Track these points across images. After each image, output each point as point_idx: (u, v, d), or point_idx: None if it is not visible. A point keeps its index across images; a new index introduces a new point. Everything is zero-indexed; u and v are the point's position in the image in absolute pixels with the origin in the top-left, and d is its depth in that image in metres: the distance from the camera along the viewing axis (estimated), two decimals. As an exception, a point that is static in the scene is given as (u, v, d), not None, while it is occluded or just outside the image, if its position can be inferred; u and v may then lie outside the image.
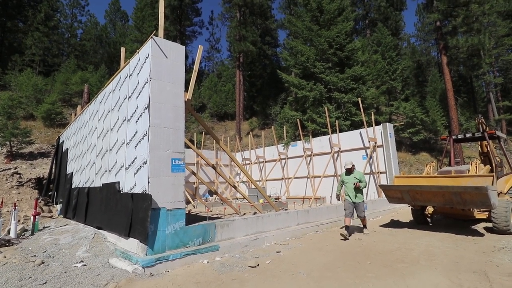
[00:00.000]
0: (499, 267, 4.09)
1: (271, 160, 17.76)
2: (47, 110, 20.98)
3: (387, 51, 24.88)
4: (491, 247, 5.26)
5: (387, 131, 12.58)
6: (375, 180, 12.81)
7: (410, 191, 6.78)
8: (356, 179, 6.53)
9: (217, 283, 3.82)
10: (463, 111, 27.59)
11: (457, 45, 23.22)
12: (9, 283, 3.81)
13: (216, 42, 68.57)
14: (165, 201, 4.83)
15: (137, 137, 5.27)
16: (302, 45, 20.62)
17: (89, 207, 7.36)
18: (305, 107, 19.80)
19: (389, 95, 25.25)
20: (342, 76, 19.08)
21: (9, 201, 9.73)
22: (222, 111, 32.09)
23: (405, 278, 3.78)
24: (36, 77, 24.69)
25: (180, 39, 31.59)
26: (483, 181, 6.12)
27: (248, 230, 6.12)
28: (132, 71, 5.87)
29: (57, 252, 5.42)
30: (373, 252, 5.15)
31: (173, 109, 5.28)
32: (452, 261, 4.49)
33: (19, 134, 16.87)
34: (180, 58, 5.54)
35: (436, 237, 6.24)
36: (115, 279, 3.94)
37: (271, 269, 4.35)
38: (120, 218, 5.36)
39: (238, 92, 28.49)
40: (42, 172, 14.42)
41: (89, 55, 35.79)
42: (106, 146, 6.92)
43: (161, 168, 4.92)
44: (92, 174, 7.75)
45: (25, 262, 4.69)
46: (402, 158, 21.75)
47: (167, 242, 4.73)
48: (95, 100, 8.38)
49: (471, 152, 22.75)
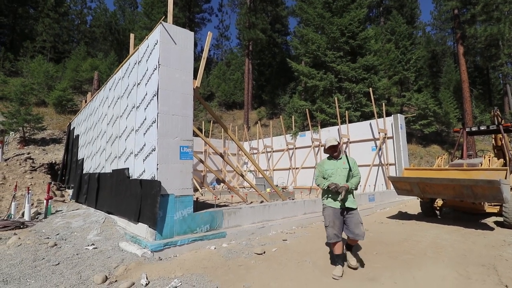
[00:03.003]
0: (508, 261, 4.02)
1: (279, 150, 17.72)
2: (58, 97, 21.30)
3: (401, 40, 24.15)
4: (501, 241, 5.18)
5: (398, 123, 12.35)
6: (383, 171, 12.67)
7: (419, 183, 6.69)
8: (345, 169, 3.72)
9: (223, 268, 3.88)
10: (478, 103, 26.81)
11: (475, 34, 22.36)
12: (23, 264, 3.96)
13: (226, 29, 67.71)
14: (173, 187, 4.88)
15: (146, 124, 5.30)
16: (313, 33, 20.20)
17: (99, 192, 7.52)
18: (315, 97, 19.56)
19: (401, 85, 24.66)
20: (354, 65, 18.69)
21: (22, 185, 10.03)
22: (230, 100, 32.00)
23: (412, 269, 3.76)
24: (47, 64, 25.01)
25: (189, 26, 31.30)
26: (496, 174, 5.98)
27: (255, 218, 6.17)
28: (141, 58, 5.86)
29: (69, 235, 5.59)
30: (380, 243, 5.14)
31: (181, 96, 5.27)
32: (460, 254, 4.44)
33: (31, 120, 17.23)
34: (189, 45, 5.48)
35: (444, 230, 6.18)
36: (125, 262, 4.05)
37: (277, 256, 4.38)
38: (129, 203, 5.47)
39: (247, 81, 28.27)
40: (54, 157, 14.77)
41: (98, 42, 35.94)
42: (115, 133, 7.00)
43: (170, 155, 4.96)
44: (102, 160, 7.89)
45: (38, 244, 4.86)
46: (412, 150, 21.41)
47: (175, 228, 4.81)
48: (105, 87, 8.43)
49: (484, 145, 22.20)
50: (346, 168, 3.71)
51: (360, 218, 3.66)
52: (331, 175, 3.72)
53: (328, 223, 3.62)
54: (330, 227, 3.60)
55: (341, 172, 3.69)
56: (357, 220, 3.61)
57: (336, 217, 3.60)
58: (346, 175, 3.69)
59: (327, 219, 3.65)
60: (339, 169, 3.70)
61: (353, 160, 3.82)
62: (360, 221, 3.65)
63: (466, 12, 24.42)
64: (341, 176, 3.67)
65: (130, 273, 3.67)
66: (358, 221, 3.61)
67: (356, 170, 3.75)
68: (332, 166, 3.78)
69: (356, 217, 3.63)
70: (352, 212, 3.64)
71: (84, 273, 3.66)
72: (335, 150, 3.80)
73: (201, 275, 3.62)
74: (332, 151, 3.81)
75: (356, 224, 3.60)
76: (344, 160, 3.78)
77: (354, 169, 3.73)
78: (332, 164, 3.80)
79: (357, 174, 3.76)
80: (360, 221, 3.64)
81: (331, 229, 3.58)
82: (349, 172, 3.72)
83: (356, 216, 3.63)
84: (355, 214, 3.64)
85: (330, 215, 3.64)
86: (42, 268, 3.78)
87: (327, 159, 3.91)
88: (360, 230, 3.60)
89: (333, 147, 3.77)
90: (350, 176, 3.72)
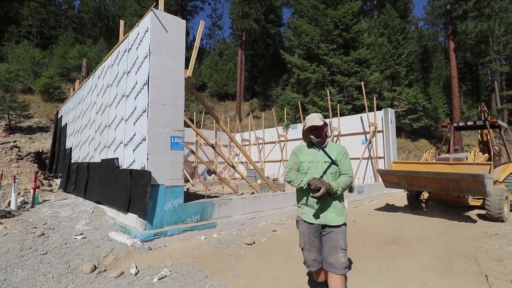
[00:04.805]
0: (489, 252, 4.19)
1: (271, 142, 17.76)
2: (45, 84, 20.70)
3: (394, 34, 24.24)
4: (483, 233, 5.38)
5: (388, 117, 12.51)
6: (373, 164, 12.89)
7: (407, 176, 6.84)
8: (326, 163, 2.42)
9: (213, 258, 3.92)
10: (466, 99, 27.33)
11: (466, 30, 22.61)
12: (10, 253, 3.90)
13: (218, 18, 66.41)
14: (163, 178, 4.86)
15: (136, 114, 5.22)
16: (307, 24, 20.07)
17: (88, 182, 7.42)
18: (307, 90, 19.58)
19: (393, 80, 24.89)
20: (346, 58, 18.73)
21: (8, 174, 9.81)
22: (222, 90, 31.73)
23: (397, 259, 3.88)
24: (33, 50, 24.19)
25: (181, 14, 30.60)
26: (481, 169, 6.16)
27: (246, 209, 6.22)
28: (131, 45, 5.72)
29: (57, 224, 5.52)
30: (367, 234, 5.26)
31: (173, 85, 5.19)
32: (443, 245, 4.59)
33: (17, 108, 16.74)
34: (180, 33, 5.38)
35: (429, 222, 6.36)
36: (114, 251, 4.03)
37: (267, 247, 4.45)
38: (119, 193, 5.42)
39: (240, 72, 28.02)
40: (41, 146, 14.44)
41: (87, 28, 34.84)
42: (105, 122, 6.87)
43: (160, 146, 4.91)
44: (91, 150, 7.76)
45: (25, 233, 4.79)
46: (401, 144, 21.80)
47: (165, 218, 4.80)
48: (94, 75, 8.23)
49: (470, 140, 22.76)
50: (325, 163, 2.38)
51: (342, 240, 2.28)
52: (307, 172, 2.41)
53: (303, 244, 2.42)
54: (307, 250, 2.41)
55: (321, 167, 2.38)
56: (336, 243, 2.27)
57: (314, 236, 2.37)
58: (329, 172, 2.37)
59: (302, 238, 2.44)
60: (320, 162, 2.40)
61: (343, 150, 2.48)
62: (341, 245, 2.26)
63: (458, 8, 24.61)
64: (321, 173, 2.36)
65: (120, 262, 3.67)
66: (337, 245, 2.26)
67: (346, 165, 2.42)
68: (310, 158, 2.45)
69: (335, 237, 2.28)
70: (332, 230, 2.31)
71: (73, 262, 3.64)
72: (319, 134, 2.44)
73: (191, 265, 3.65)
74: (316, 135, 2.43)
75: (332, 249, 2.27)
76: (331, 149, 2.46)
77: (343, 163, 2.41)
78: (311, 154, 2.46)
79: (347, 170, 2.40)
80: (340, 245, 2.26)
81: (307, 253, 2.40)
82: (333, 166, 2.36)
83: (336, 236, 2.29)
84: (336, 233, 2.29)
85: (305, 233, 2.41)
86: (30, 258, 3.74)
87: (306, 147, 2.57)
88: (338, 259, 2.23)
89: (316, 129, 2.44)
90: (336, 175, 2.39)
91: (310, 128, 2.46)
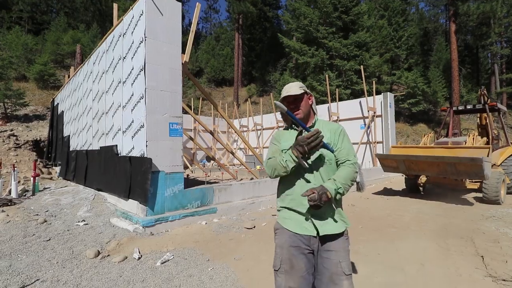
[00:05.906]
0: (485, 234, 4.27)
1: (269, 127, 17.71)
2: (40, 71, 20.31)
3: (394, 16, 23.76)
4: (480, 215, 5.46)
5: (387, 101, 12.44)
6: (371, 149, 12.93)
7: (405, 160, 6.87)
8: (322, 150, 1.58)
9: (215, 242, 3.98)
10: (466, 82, 27.14)
11: (468, 12, 22.18)
12: (14, 240, 3.94)
13: (214, 1, 64.39)
14: (163, 164, 4.86)
15: (134, 100, 5.15)
16: (306, 6, 19.61)
17: (88, 169, 7.42)
18: (306, 74, 19.36)
19: (392, 63, 24.60)
20: (346, 42, 18.42)
21: (7, 163, 9.79)
22: (220, 76, 31.27)
23: (395, 241, 3.95)
24: (25, 36, 23.57)
25: (176, -3, 29.72)
26: (479, 152, 6.19)
27: (245, 195, 6.27)
28: (126, 30, 5.57)
29: (58, 211, 5.56)
30: (365, 218, 5.34)
31: (170, 71, 5.10)
32: (441, 227, 4.68)
33: (12, 96, 16.50)
34: (176, 16, 5.23)
35: (427, 205, 6.45)
36: (116, 237, 4.09)
37: (267, 231, 4.51)
38: (119, 180, 5.43)
39: (237, 56, 27.56)
40: (39, 134, 14.34)
41: (79, 13, 33.80)
42: (102, 109, 6.79)
43: (159, 132, 4.88)
44: (89, 137, 7.71)
45: (28, 221, 4.82)
46: (400, 128, 21.81)
47: (166, 204, 4.84)
48: (88, 61, 8.06)
49: (469, 124, 22.78)
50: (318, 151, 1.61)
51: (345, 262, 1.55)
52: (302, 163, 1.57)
53: (280, 264, 1.58)
54: (283, 273, 1.55)
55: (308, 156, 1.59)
56: (336, 267, 1.53)
57: (300, 252, 1.56)
58: (320, 163, 1.62)
59: (279, 255, 1.60)
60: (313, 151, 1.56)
61: (339, 128, 1.72)
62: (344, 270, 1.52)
63: (460, -12, 24.04)
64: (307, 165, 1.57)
65: (123, 247, 3.72)
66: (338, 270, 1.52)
67: (345, 148, 1.65)
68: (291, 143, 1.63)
69: (335, 258, 1.54)
70: (330, 248, 1.57)
71: (76, 248, 3.69)
72: (297, 107, 1.68)
73: (192, 249, 3.70)
74: (294, 109, 1.68)
75: (334, 276, 1.52)
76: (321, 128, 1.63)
77: (341, 145, 1.65)
78: (293, 139, 1.64)
79: (348, 155, 1.64)
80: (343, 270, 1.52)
81: (284, 279, 1.53)
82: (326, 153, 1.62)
83: (336, 256, 1.55)
84: (336, 252, 1.56)
85: (285, 247, 1.59)
86: (33, 244, 3.78)
87: (284, 130, 1.85)
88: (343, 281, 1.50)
89: (294, 101, 1.69)
90: (331, 164, 1.64)
91: (286, 100, 1.69)
